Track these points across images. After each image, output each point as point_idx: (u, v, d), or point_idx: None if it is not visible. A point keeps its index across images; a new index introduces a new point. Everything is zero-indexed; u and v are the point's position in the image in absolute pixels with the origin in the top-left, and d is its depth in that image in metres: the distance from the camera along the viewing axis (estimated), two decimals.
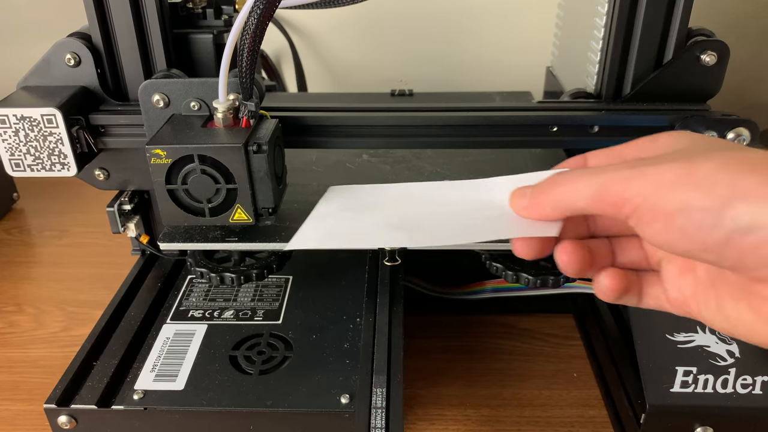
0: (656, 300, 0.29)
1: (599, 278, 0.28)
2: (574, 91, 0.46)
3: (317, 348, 0.43)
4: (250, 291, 0.49)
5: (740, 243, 0.22)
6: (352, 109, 0.43)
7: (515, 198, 0.30)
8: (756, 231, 0.21)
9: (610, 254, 0.30)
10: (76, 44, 0.41)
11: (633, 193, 0.24)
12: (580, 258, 0.28)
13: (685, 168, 0.23)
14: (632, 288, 0.29)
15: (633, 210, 0.24)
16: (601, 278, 0.28)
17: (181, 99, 0.39)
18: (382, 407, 0.38)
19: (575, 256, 0.28)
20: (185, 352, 0.43)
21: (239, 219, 0.37)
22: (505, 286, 0.51)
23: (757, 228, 0.21)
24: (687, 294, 0.27)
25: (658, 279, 0.29)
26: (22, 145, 0.40)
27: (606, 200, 0.25)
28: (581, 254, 0.28)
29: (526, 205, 0.29)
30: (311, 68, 0.79)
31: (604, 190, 0.25)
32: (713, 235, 0.22)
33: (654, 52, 0.42)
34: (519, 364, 0.49)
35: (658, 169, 0.24)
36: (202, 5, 0.44)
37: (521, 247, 0.29)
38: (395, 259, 0.41)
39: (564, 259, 0.28)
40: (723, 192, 0.22)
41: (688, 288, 0.27)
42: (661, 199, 0.23)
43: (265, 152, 0.35)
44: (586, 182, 0.26)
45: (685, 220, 0.23)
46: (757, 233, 0.21)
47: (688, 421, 0.38)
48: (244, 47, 0.35)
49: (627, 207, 0.24)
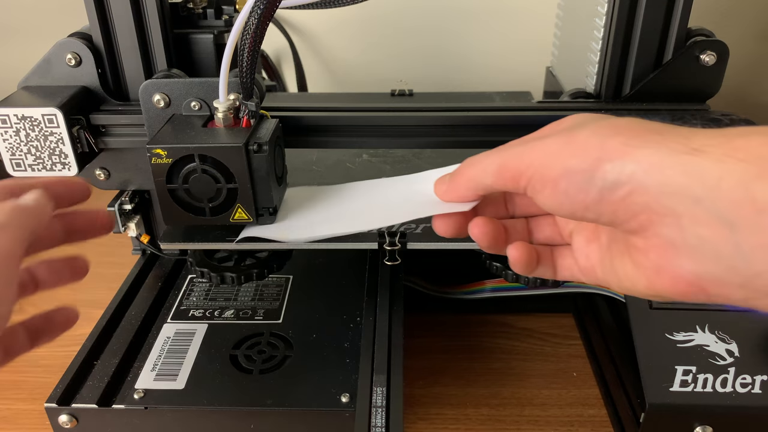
0: (569, 270, 0.31)
1: (508, 251, 0.31)
2: (574, 91, 0.47)
3: (317, 347, 0.43)
4: (250, 290, 0.49)
5: (610, 198, 0.24)
6: (352, 109, 0.43)
7: (437, 185, 0.33)
8: (621, 186, 0.24)
9: (526, 232, 0.33)
10: (76, 44, 0.41)
11: (525, 165, 0.27)
12: (491, 231, 0.30)
13: (565, 138, 0.26)
14: (545, 261, 0.31)
15: (527, 181, 0.27)
16: (509, 250, 0.30)
17: (181, 99, 0.39)
18: (382, 406, 0.38)
19: (486, 229, 0.30)
20: (186, 351, 0.43)
21: (240, 218, 0.37)
22: (504, 285, 0.51)
23: (621, 183, 0.24)
24: (594, 261, 0.30)
25: (570, 251, 0.31)
26: (23, 145, 0.40)
27: (506, 175, 0.28)
28: (492, 228, 0.30)
29: (446, 189, 0.32)
30: (311, 68, 0.79)
31: (503, 166, 0.28)
32: (589, 194, 0.24)
33: (654, 52, 0.42)
34: (518, 364, 0.49)
35: (544, 142, 0.26)
36: (202, 5, 0.44)
37: (440, 225, 0.32)
38: (395, 259, 0.41)
39: (475, 232, 0.30)
40: (594, 154, 0.24)
41: (594, 255, 0.30)
42: (547, 167, 0.26)
43: (265, 152, 0.35)
44: (490, 161, 0.29)
45: (567, 184, 0.25)
46: (622, 188, 0.24)
47: (687, 420, 0.38)
48: (244, 47, 0.35)
49: (523, 179, 0.27)
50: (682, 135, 0.23)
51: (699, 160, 0.22)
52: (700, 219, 0.22)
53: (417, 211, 0.33)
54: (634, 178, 0.23)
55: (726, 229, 0.22)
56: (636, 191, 0.23)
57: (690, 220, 0.22)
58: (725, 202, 0.21)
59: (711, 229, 0.22)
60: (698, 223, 0.22)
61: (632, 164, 0.23)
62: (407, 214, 0.34)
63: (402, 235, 0.40)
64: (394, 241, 0.40)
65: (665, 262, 0.24)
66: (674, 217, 0.23)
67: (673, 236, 0.23)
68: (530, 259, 0.31)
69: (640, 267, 0.26)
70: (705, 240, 0.22)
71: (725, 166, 0.21)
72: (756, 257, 0.21)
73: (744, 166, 0.21)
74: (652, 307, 0.41)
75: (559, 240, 0.32)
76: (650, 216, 0.23)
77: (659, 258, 0.24)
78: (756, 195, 0.21)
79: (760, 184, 0.21)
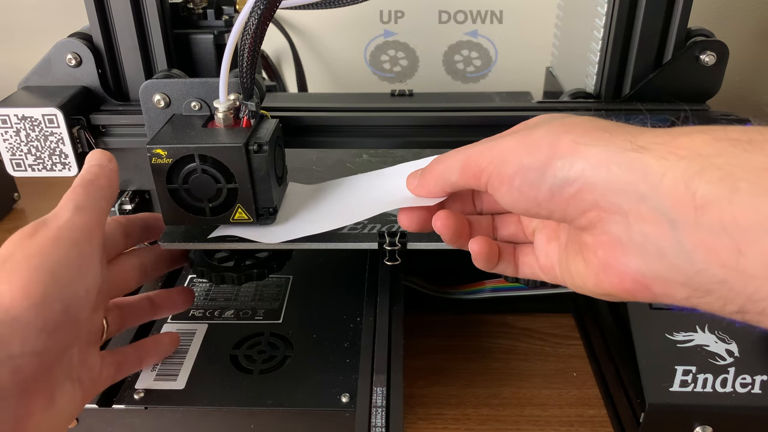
0: (530, 268, 0.32)
1: (469, 245, 0.31)
2: (574, 91, 0.47)
3: (318, 347, 0.43)
4: (250, 290, 0.49)
5: (560, 195, 0.24)
6: (352, 109, 0.43)
7: (409, 179, 0.33)
8: (571, 183, 0.24)
9: (491, 228, 0.33)
10: (77, 44, 0.41)
11: (486, 163, 0.27)
12: (453, 225, 0.31)
13: (521, 137, 0.26)
14: (507, 257, 0.32)
15: (487, 178, 0.27)
16: (470, 244, 0.31)
17: (181, 99, 0.39)
18: (383, 406, 0.38)
19: (449, 222, 0.31)
20: (186, 351, 0.43)
21: (240, 219, 0.37)
22: (504, 285, 0.51)
23: (571, 180, 0.24)
24: (553, 259, 0.30)
25: (532, 249, 0.32)
26: (23, 145, 0.40)
27: (468, 173, 0.28)
28: (455, 222, 0.31)
29: (417, 184, 0.32)
30: (311, 68, 0.79)
31: (466, 163, 0.28)
32: (541, 190, 0.25)
33: (653, 52, 0.42)
34: (518, 364, 0.49)
35: (503, 140, 0.27)
36: (202, 6, 0.45)
37: (405, 219, 0.33)
38: (395, 259, 0.41)
39: (438, 225, 0.31)
40: (545, 152, 0.25)
41: (554, 253, 0.30)
42: (504, 165, 0.26)
43: (265, 152, 0.35)
44: (455, 159, 0.29)
45: (521, 181, 0.26)
46: (572, 185, 0.24)
47: (687, 420, 0.38)
48: (244, 47, 0.35)
49: (483, 176, 0.27)
50: (630, 133, 0.24)
51: (644, 157, 0.22)
52: (645, 216, 0.22)
53: (385, 206, 0.34)
54: (583, 175, 0.24)
55: (668, 226, 0.22)
56: (584, 188, 0.24)
57: (636, 217, 0.23)
58: (667, 199, 0.21)
59: (655, 227, 0.22)
60: (643, 221, 0.22)
61: (581, 161, 0.24)
62: (376, 208, 0.35)
63: (402, 235, 0.40)
64: (394, 241, 0.40)
65: (612, 259, 0.24)
66: (621, 215, 0.23)
67: (619, 233, 0.23)
68: (491, 254, 0.31)
69: (589, 265, 0.26)
70: (649, 237, 0.22)
71: (668, 163, 0.22)
72: (696, 255, 0.21)
73: (686, 164, 0.21)
74: (652, 307, 0.41)
75: (522, 238, 0.33)
76: (599, 213, 0.24)
77: (606, 255, 0.24)
78: (696, 192, 0.21)
79: (699, 181, 0.21)
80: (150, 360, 0.41)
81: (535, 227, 0.32)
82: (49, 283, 0.29)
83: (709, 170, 0.21)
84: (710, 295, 0.22)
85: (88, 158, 0.37)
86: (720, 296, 0.21)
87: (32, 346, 0.28)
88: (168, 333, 0.42)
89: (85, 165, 0.36)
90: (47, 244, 0.31)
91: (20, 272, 0.29)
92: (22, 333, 0.28)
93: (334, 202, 0.39)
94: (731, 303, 0.21)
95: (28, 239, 0.31)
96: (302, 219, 0.38)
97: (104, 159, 0.36)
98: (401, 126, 0.42)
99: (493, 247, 0.31)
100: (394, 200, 0.34)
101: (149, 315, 0.41)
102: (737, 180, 0.20)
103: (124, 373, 0.38)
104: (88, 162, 0.36)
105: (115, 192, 0.36)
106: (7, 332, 0.28)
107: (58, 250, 0.31)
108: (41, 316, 0.29)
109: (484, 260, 0.31)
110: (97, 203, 0.34)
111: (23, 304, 0.28)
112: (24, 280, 0.29)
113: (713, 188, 0.20)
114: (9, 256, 0.30)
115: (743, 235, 0.20)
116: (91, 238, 0.33)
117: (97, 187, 0.34)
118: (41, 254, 0.30)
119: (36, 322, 0.29)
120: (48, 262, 0.30)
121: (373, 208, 0.36)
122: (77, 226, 0.32)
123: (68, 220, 0.32)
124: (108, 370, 0.35)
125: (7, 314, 0.28)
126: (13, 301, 0.28)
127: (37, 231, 0.31)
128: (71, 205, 0.33)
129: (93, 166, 0.36)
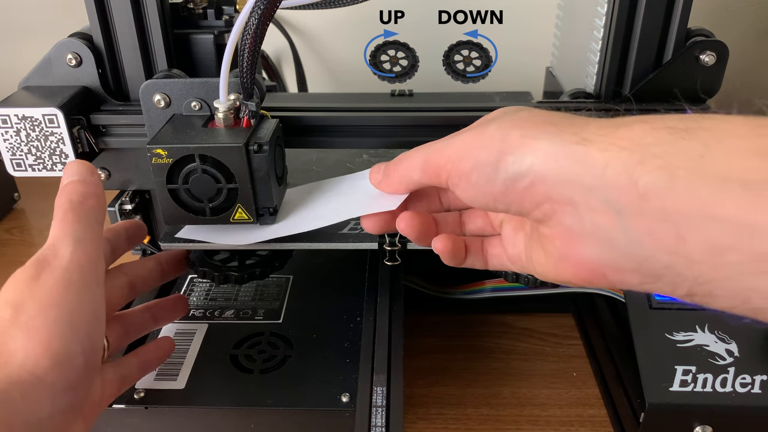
0: (499, 259, 0.32)
1: (432, 243, 0.32)
2: (574, 91, 0.47)
3: (318, 347, 0.44)
4: (250, 290, 0.49)
5: (514, 189, 0.25)
6: (352, 109, 0.43)
7: (373, 173, 0.34)
8: (522, 177, 0.24)
9: (458, 224, 0.34)
10: (77, 44, 0.41)
11: (444, 160, 0.28)
12: (418, 225, 0.31)
13: (477, 132, 0.27)
14: (474, 251, 0.32)
15: (447, 174, 0.28)
16: (433, 243, 0.32)
17: (182, 99, 0.39)
18: (383, 406, 0.38)
19: (413, 222, 0.31)
20: (186, 351, 0.43)
21: (240, 219, 0.37)
22: (504, 285, 0.51)
23: (522, 174, 0.24)
24: (520, 249, 0.30)
25: (499, 240, 0.32)
26: (24, 145, 0.40)
27: (429, 171, 0.29)
28: (419, 222, 0.31)
29: (381, 179, 0.33)
30: (311, 68, 0.79)
31: (427, 161, 0.29)
32: (496, 185, 0.25)
33: (653, 52, 0.42)
34: (518, 364, 0.49)
35: (461, 137, 0.27)
36: (202, 5, 0.44)
37: (368, 222, 0.33)
38: (395, 259, 0.41)
39: (402, 226, 0.31)
40: (497, 148, 0.25)
41: (520, 243, 0.30)
42: (461, 162, 0.27)
43: (266, 152, 0.35)
44: (416, 157, 0.30)
45: (477, 177, 0.26)
46: (524, 179, 0.24)
47: (687, 420, 0.39)
48: (244, 47, 0.35)
49: (443, 173, 0.28)
50: (576, 126, 0.24)
51: (587, 149, 0.23)
52: (594, 207, 0.23)
53: (348, 212, 0.34)
54: (533, 169, 0.24)
55: (615, 215, 0.22)
56: (536, 182, 0.24)
57: (586, 207, 0.23)
58: (612, 190, 0.22)
59: (603, 216, 0.22)
60: (593, 211, 0.23)
61: (530, 156, 0.24)
62: (340, 214, 0.35)
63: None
64: (394, 241, 0.40)
65: (568, 249, 0.25)
66: (572, 206, 0.23)
67: (573, 224, 0.24)
68: (455, 251, 0.32)
69: (548, 255, 0.26)
70: (600, 227, 0.23)
71: (610, 154, 0.22)
72: (643, 242, 0.22)
73: (627, 154, 0.22)
74: (652, 307, 0.41)
75: (490, 230, 0.33)
76: (552, 205, 0.24)
77: (563, 246, 0.25)
78: (638, 181, 0.21)
79: (641, 171, 0.21)
80: (152, 367, 0.40)
81: (502, 219, 0.32)
82: (69, 337, 0.28)
83: (649, 159, 0.21)
84: (660, 280, 0.22)
85: (68, 172, 0.34)
86: (669, 281, 0.22)
87: (60, 407, 0.28)
88: (166, 337, 0.42)
89: (66, 181, 0.33)
90: (60, 290, 0.29)
91: (38, 327, 0.28)
92: (49, 394, 0.27)
93: (309, 205, 0.38)
94: (679, 287, 0.22)
95: (35, 283, 0.29)
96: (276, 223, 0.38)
97: (86, 172, 0.34)
98: (401, 126, 0.42)
99: (457, 243, 0.32)
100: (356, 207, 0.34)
101: (151, 325, 0.41)
102: (675, 168, 0.21)
103: (127, 386, 0.36)
104: (68, 176, 0.34)
105: (104, 210, 0.34)
106: (35, 395, 0.27)
107: (72, 296, 0.29)
108: (65, 375, 0.28)
109: (449, 257, 0.32)
110: (93, 231, 0.32)
111: (46, 364, 0.27)
112: (44, 337, 0.28)
113: (654, 177, 0.21)
114: (20, 305, 0.28)
115: (684, 222, 0.20)
116: (98, 275, 0.31)
117: (89, 210, 0.32)
118: (57, 304, 0.29)
119: (61, 382, 0.28)
120: (65, 313, 0.29)
121: (339, 212, 0.35)
122: (83, 264, 0.30)
123: (72, 258, 0.30)
124: (111, 389, 0.34)
125: (32, 375, 0.27)
126: (37, 360, 0.27)
127: (40, 272, 0.29)
128: (70, 239, 0.31)
129: (76, 184, 0.33)
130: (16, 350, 0.27)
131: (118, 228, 0.40)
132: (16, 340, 0.28)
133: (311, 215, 0.37)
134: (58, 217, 0.32)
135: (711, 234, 0.20)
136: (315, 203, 0.38)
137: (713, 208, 0.20)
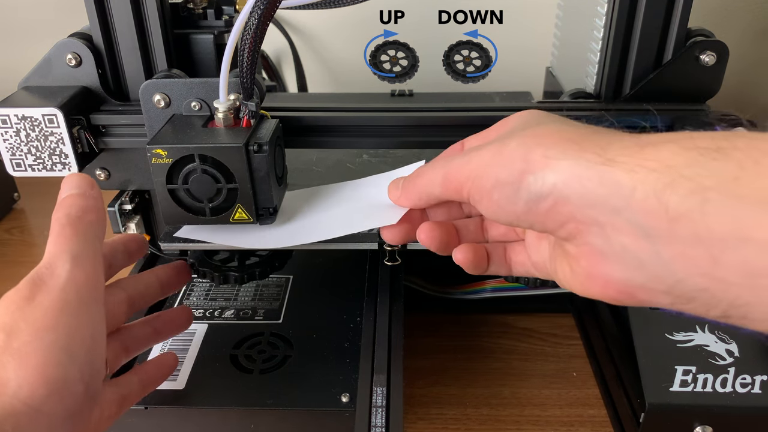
0: (523, 266, 0.32)
1: (453, 255, 0.31)
2: (574, 91, 0.47)
3: (318, 347, 0.44)
4: (250, 290, 0.49)
5: (536, 209, 0.24)
6: (352, 109, 0.43)
7: (391, 189, 0.33)
8: (545, 197, 0.24)
9: (480, 230, 0.33)
10: (77, 44, 0.41)
11: (465, 177, 0.27)
12: (439, 236, 0.31)
13: (496, 149, 0.26)
14: (497, 258, 0.32)
15: (468, 192, 0.27)
16: (454, 254, 0.31)
17: (181, 99, 0.39)
18: (383, 406, 0.38)
19: (434, 234, 0.31)
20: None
21: (240, 219, 0.37)
22: (504, 285, 0.51)
23: (545, 195, 0.24)
24: (545, 256, 0.30)
25: (523, 247, 0.32)
26: (23, 145, 0.40)
27: (450, 187, 0.28)
28: (440, 233, 0.31)
29: (399, 195, 0.32)
30: (311, 68, 0.79)
31: (447, 178, 0.28)
32: (518, 205, 0.25)
33: (653, 52, 0.42)
34: (518, 364, 0.49)
35: (479, 153, 0.27)
36: (202, 5, 0.44)
37: (388, 233, 0.33)
38: (395, 259, 0.41)
39: (423, 238, 0.31)
40: (518, 167, 0.25)
41: (545, 251, 0.30)
42: (482, 179, 0.26)
43: (265, 152, 0.35)
44: (436, 173, 0.29)
45: (498, 195, 0.26)
46: (546, 199, 0.24)
47: (687, 420, 0.39)
48: (244, 47, 0.35)
49: (464, 190, 0.27)
50: (599, 145, 0.23)
51: (613, 170, 0.22)
52: (622, 228, 0.22)
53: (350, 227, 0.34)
54: (556, 189, 0.24)
55: (645, 238, 0.22)
56: (559, 202, 0.24)
57: (612, 229, 0.23)
58: (641, 212, 0.21)
59: (632, 239, 0.22)
60: (620, 233, 0.22)
61: (552, 176, 0.24)
62: (351, 226, 0.35)
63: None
64: None
65: (595, 269, 0.24)
66: (598, 227, 0.23)
67: (600, 245, 0.23)
68: (477, 261, 0.31)
69: (574, 272, 0.26)
70: (628, 249, 0.22)
71: (638, 176, 0.22)
72: (675, 265, 0.21)
73: (656, 176, 0.21)
74: (652, 307, 0.41)
75: (513, 236, 0.32)
76: (577, 225, 0.24)
77: (589, 265, 0.24)
78: (668, 204, 0.21)
79: (671, 194, 0.21)
80: (154, 385, 0.37)
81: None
82: (67, 363, 0.27)
83: (679, 182, 0.21)
84: (693, 302, 0.22)
85: (67, 184, 0.32)
86: (703, 303, 0.22)
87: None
88: (169, 353, 0.40)
89: (64, 194, 0.31)
90: (55, 312, 0.27)
91: (33, 353, 0.26)
92: (46, 425, 0.26)
93: (312, 213, 0.38)
94: (714, 308, 0.22)
95: (28, 304, 0.27)
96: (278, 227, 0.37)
97: (86, 185, 0.32)
98: (401, 126, 0.42)
99: (479, 252, 0.31)
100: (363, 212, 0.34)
101: (152, 340, 0.38)
102: (707, 190, 0.20)
103: (127, 407, 0.34)
104: (66, 189, 0.32)
105: (105, 226, 0.32)
106: (30, 427, 0.25)
107: (69, 319, 0.27)
108: (63, 403, 0.26)
109: (471, 267, 0.31)
110: (93, 247, 0.30)
111: (42, 393, 0.26)
112: (39, 363, 0.26)
113: (685, 200, 0.20)
114: (13, 329, 0.26)
115: (718, 245, 0.20)
116: (97, 295, 0.29)
117: (88, 225, 0.30)
118: (52, 327, 0.27)
119: (59, 412, 0.26)
120: (62, 336, 0.27)
121: (353, 224, 0.35)
122: (81, 283, 0.28)
123: (70, 277, 0.28)
124: (110, 411, 0.32)
125: (27, 406, 0.25)
126: (32, 389, 0.25)
127: (35, 292, 0.27)
128: (67, 256, 0.29)
129: (75, 197, 0.31)
130: (9, 379, 0.26)
131: (116, 243, 0.38)
132: (8, 367, 0.26)
133: (313, 225, 0.37)
134: (55, 232, 0.30)
135: (747, 257, 0.19)
136: (317, 211, 0.38)
137: (750, 231, 0.19)
